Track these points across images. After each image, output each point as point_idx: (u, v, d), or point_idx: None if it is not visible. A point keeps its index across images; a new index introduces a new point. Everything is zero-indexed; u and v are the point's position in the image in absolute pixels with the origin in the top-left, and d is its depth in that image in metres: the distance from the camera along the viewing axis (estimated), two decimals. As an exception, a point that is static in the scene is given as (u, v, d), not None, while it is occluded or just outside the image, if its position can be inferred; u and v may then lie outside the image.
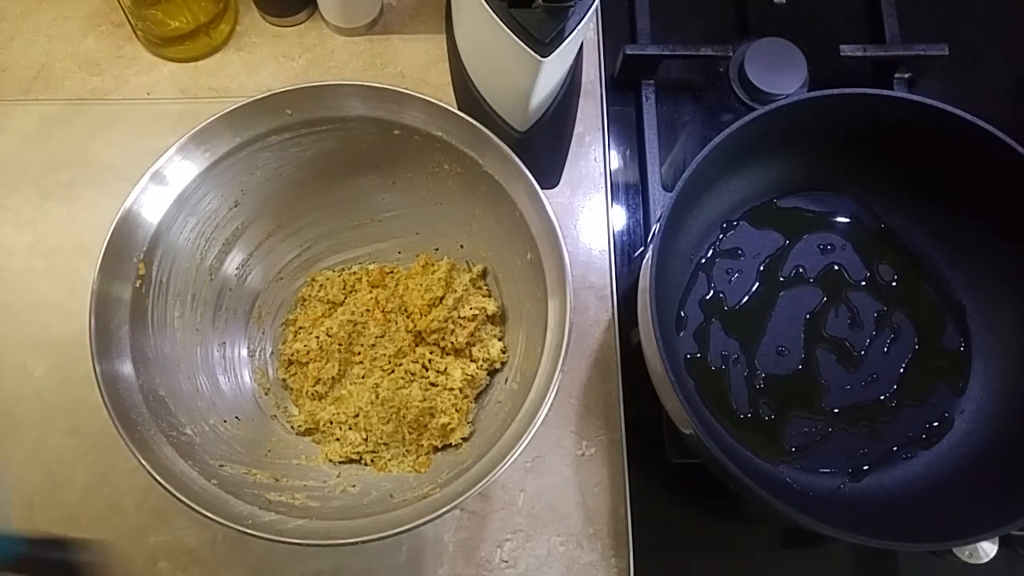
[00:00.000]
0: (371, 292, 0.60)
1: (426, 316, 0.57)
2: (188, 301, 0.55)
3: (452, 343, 0.57)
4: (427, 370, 0.58)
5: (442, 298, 0.58)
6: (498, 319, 0.59)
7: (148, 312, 0.52)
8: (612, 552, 0.60)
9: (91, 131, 0.65)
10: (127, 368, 0.49)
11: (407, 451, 0.56)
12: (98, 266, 0.48)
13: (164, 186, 0.51)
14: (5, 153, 0.64)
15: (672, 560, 0.60)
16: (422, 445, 0.55)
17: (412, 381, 0.58)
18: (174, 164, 0.51)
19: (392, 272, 0.61)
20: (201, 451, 0.50)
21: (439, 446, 0.55)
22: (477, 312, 0.56)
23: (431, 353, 0.58)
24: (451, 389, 0.56)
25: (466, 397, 0.56)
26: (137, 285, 0.50)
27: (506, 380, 0.57)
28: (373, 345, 0.59)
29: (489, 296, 0.59)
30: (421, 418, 0.55)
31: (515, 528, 0.60)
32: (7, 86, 0.66)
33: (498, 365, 0.58)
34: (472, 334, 0.57)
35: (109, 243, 0.49)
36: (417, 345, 0.59)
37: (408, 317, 0.58)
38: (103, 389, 0.47)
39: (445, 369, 0.57)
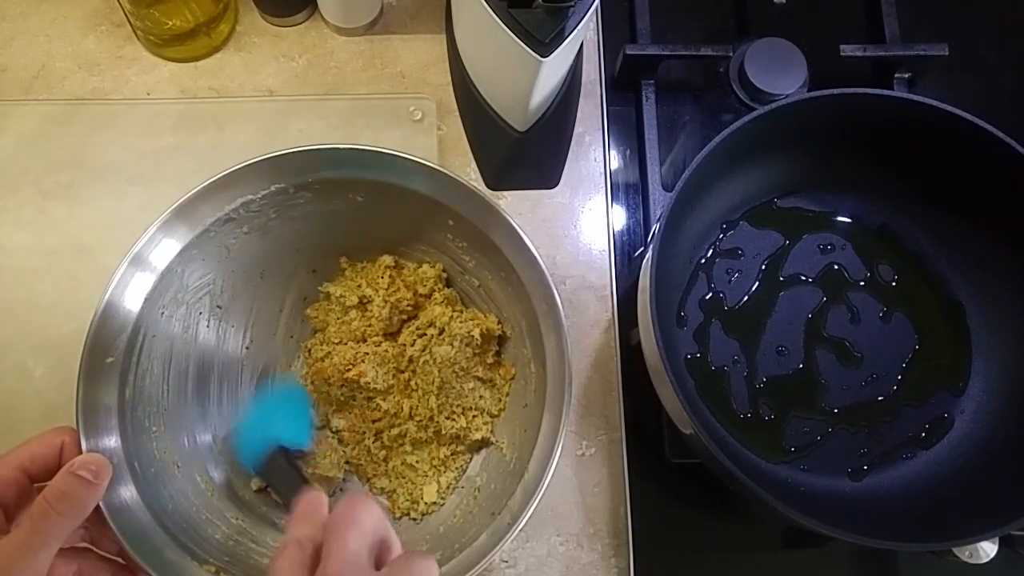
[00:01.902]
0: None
1: (373, 320, 0.58)
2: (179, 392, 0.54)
3: (407, 306, 0.58)
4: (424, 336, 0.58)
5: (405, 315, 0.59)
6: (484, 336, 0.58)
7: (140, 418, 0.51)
8: (612, 552, 0.60)
9: (91, 131, 0.65)
10: (130, 492, 0.48)
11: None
12: (81, 374, 0.47)
13: (145, 270, 0.51)
14: (5, 153, 0.64)
15: (672, 560, 0.60)
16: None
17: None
18: (154, 246, 0.51)
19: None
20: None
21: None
22: (387, 272, 0.58)
23: (409, 328, 0.59)
24: (451, 318, 0.56)
25: (462, 311, 0.58)
26: (123, 391, 0.49)
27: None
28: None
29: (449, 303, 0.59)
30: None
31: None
32: (7, 86, 0.66)
33: (444, 274, 0.58)
34: (407, 288, 0.58)
35: (89, 347, 0.48)
36: (397, 340, 0.59)
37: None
38: (111, 521, 0.45)
39: (431, 320, 0.57)
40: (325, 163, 0.52)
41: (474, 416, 0.57)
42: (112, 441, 0.48)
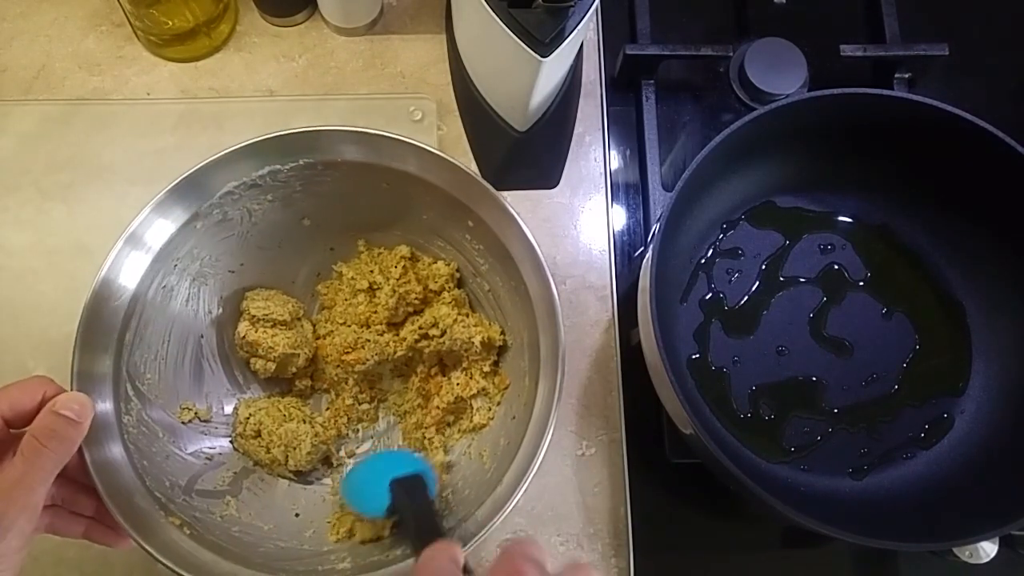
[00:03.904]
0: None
1: (379, 307, 0.58)
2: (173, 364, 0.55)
3: (415, 299, 0.58)
4: (426, 336, 0.58)
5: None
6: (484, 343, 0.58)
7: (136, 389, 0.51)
8: (612, 552, 0.60)
9: (91, 131, 0.65)
10: (117, 451, 0.48)
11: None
12: (77, 343, 0.48)
13: (140, 249, 0.51)
14: (5, 153, 0.64)
15: (672, 560, 0.60)
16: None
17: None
18: (149, 224, 0.51)
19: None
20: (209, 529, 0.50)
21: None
22: (401, 262, 0.58)
23: (413, 324, 0.59)
24: (455, 320, 0.57)
25: (468, 314, 0.58)
26: (119, 360, 0.50)
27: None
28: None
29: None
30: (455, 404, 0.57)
31: (515, 528, 0.60)
32: (7, 86, 0.66)
33: (456, 274, 0.59)
34: (418, 282, 0.59)
35: (87, 316, 0.48)
36: (399, 333, 0.60)
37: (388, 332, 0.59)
38: (96, 479, 0.46)
39: (435, 319, 0.58)
40: (353, 145, 0.53)
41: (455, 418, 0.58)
42: (106, 406, 0.48)
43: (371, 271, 0.59)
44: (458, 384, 0.57)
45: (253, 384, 0.59)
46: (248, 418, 0.55)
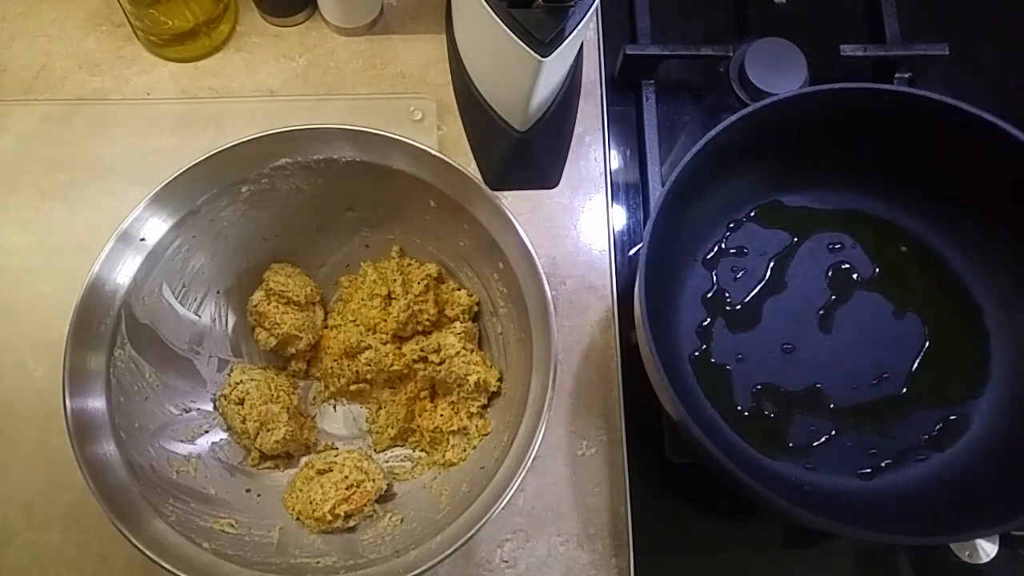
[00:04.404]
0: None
1: (389, 317, 0.58)
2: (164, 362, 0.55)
3: (427, 320, 0.58)
4: (425, 359, 0.58)
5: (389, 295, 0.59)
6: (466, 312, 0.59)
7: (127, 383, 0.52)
8: (612, 552, 0.60)
9: (91, 131, 0.65)
10: (110, 448, 0.49)
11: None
12: (69, 338, 0.48)
13: (131, 246, 0.52)
14: (5, 153, 0.64)
15: (672, 560, 0.60)
16: (471, 413, 0.57)
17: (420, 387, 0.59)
18: (142, 221, 0.52)
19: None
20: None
21: (486, 403, 0.57)
22: (426, 280, 0.58)
23: (417, 344, 0.59)
24: (457, 353, 0.56)
25: (472, 351, 0.57)
26: (113, 354, 0.51)
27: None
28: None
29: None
30: (455, 391, 0.57)
31: (515, 528, 0.60)
32: (7, 86, 0.66)
33: (475, 308, 0.59)
34: (436, 304, 0.58)
35: (79, 311, 0.49)
36: (401, 347, 0.59)
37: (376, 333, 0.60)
38: (88, 478, 0.46)
39: (439, 345, 0.57)
40: (409, 158, 0.54)
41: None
42: (98, 403, 0.49)
43: (395, 279, 0.59)
44: (441, 416, 0.57)
45: (253, 352, 0.60)
46: (238, 383, 0.56)
